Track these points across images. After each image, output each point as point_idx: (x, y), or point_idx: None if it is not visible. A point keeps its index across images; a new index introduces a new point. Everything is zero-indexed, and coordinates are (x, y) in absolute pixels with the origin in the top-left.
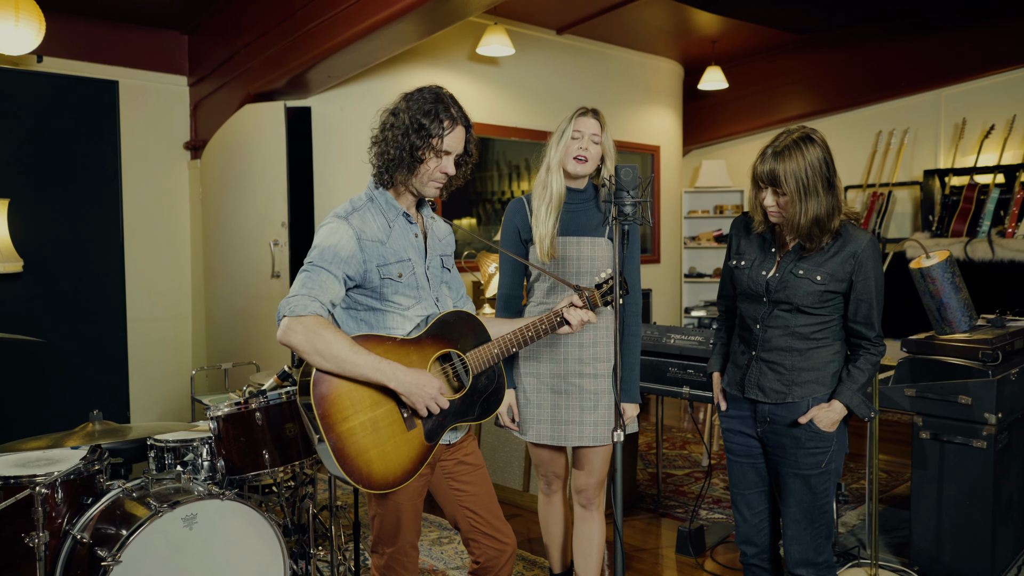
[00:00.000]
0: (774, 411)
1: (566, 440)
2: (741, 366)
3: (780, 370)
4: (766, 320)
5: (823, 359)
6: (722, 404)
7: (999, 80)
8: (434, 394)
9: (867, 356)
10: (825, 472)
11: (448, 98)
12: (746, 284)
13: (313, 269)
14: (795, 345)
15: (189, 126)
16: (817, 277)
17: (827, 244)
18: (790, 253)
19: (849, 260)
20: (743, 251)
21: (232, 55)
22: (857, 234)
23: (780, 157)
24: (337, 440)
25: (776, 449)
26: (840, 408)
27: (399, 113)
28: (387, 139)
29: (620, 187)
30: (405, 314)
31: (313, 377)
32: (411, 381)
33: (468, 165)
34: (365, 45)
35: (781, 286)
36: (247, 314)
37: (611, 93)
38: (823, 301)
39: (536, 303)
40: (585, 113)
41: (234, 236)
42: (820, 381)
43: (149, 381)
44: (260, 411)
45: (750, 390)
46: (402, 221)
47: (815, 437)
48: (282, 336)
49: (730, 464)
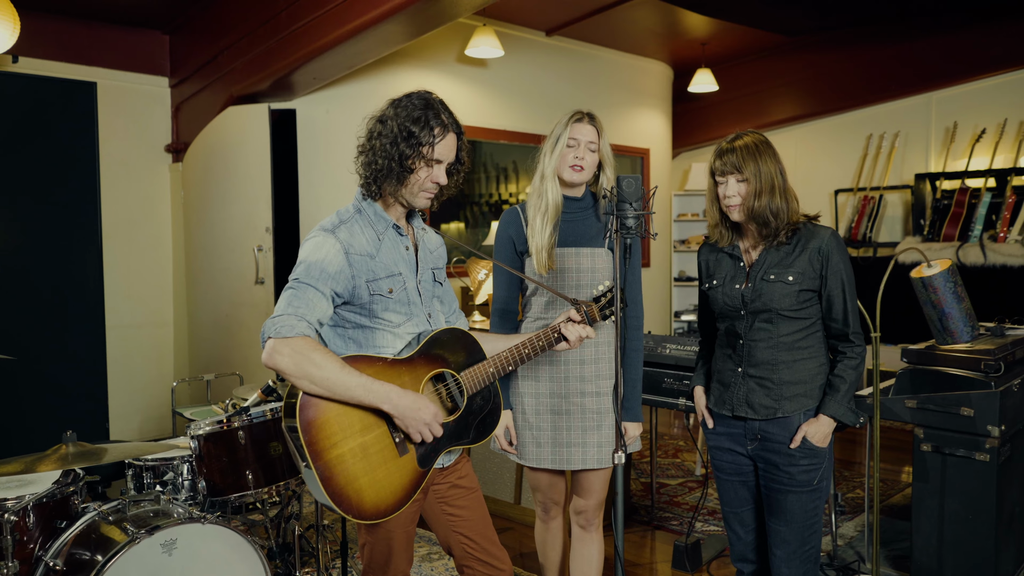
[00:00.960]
0: (765, 427)
1: (568, 464)
2: (728, 384)
3: (768, 385)
4: (749, 333)
5: (810, 371)
6: (709, 422)
7: (990, 83)
8: (428, 419)
9: (845, 361)
10: (817, 489)
11: (438, 104)
12: (722, 302)
13: (299, 286)
14: (781, 357)
15: (171, 128)
16: (789, 277)
17: (785, 237)
18: (756, 262)
19: (815, 256)
20: (713, 272)
21: (215, 56)
22: (817, 230)
23: (734, 144)
24: (325, 468)
25: (768, 467)
26: (828, 421)
27: (387, 120)
28: (374, 148)
29: (622, 199)
30: (396, 332)
31: (300, 400)
32: (406, 404)
33: (460, 174)
34: (352, 46)
35: (756, 295)
36: (231, 320)
37: (600, 95)
38: (801, 303)
39: (533, 318)
40: (581, 119)
41: (217, 241)
42: (809, 394)
43: (130, 390)
44: (243, 429)
45: (739, 408)
46: (392, 234)
47: (809, 453)
48: (267, 359)
49: (720, 483)
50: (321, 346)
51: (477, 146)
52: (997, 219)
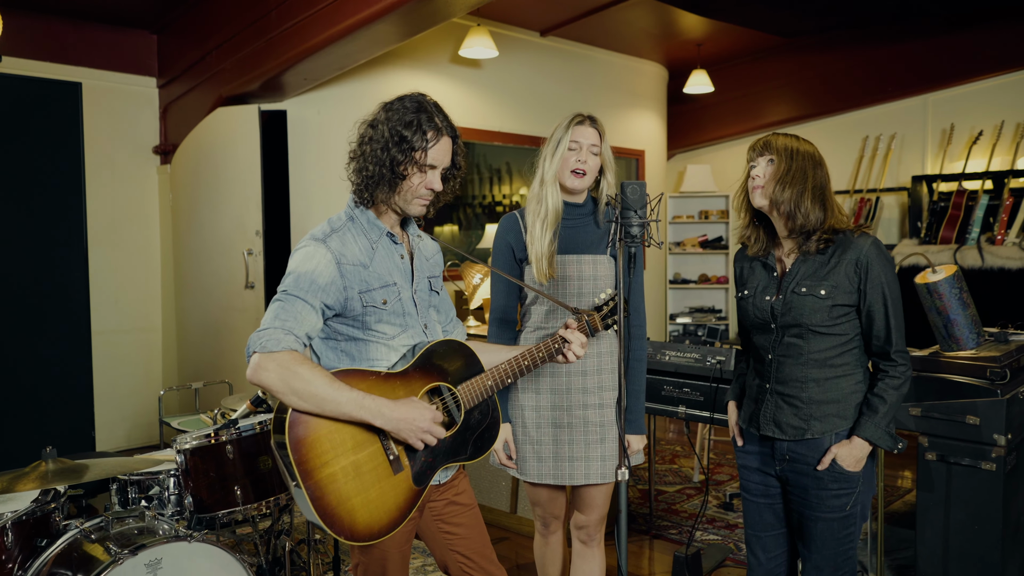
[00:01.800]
0: (793, 448)
1: (570, 479)
2: (756, 400)
3: (797, 403)
4: (777, 348)
5: (844, 389)
6: (738, 440)
7: (986, 85)
8: (427, 425)
9: (887, 380)
10: (850, 516)
11: (432, 106)
12: (752, 313)
13: (287, 299)
14: (812, 374)
15: (158, 130)
16: (821, 291)
17: (819, 245)
18: (790, 271)
19: (852, 268)
20: (746, 280)
21: (203, 56)
22: (857, 239)
23: (773, 136)
24: (316, 488)
25: (797, 490)
26: (862, 444)
27: (378, 125)
28: (365, 154)
29: (626, 206)
30: (390, 344)
31: (289, 417)
32: (399, 416)
33: (456, 179)
34: (343, 47)
35: (786, 308)
36: (220, 326)
37: (595, 96)
38: (834, 318)
39: (533, 328)
40: (582, 121)
41: (206, 245)
42: (841, 414)
43: (116, 397)
44: (231, 443)
45: (766, 426)
46: (386, 242)
47: (839, 478)
48: (253, 375)
49: (745, 504)
50: (308, 360)
51: (471, 148)
52: (995, 221)
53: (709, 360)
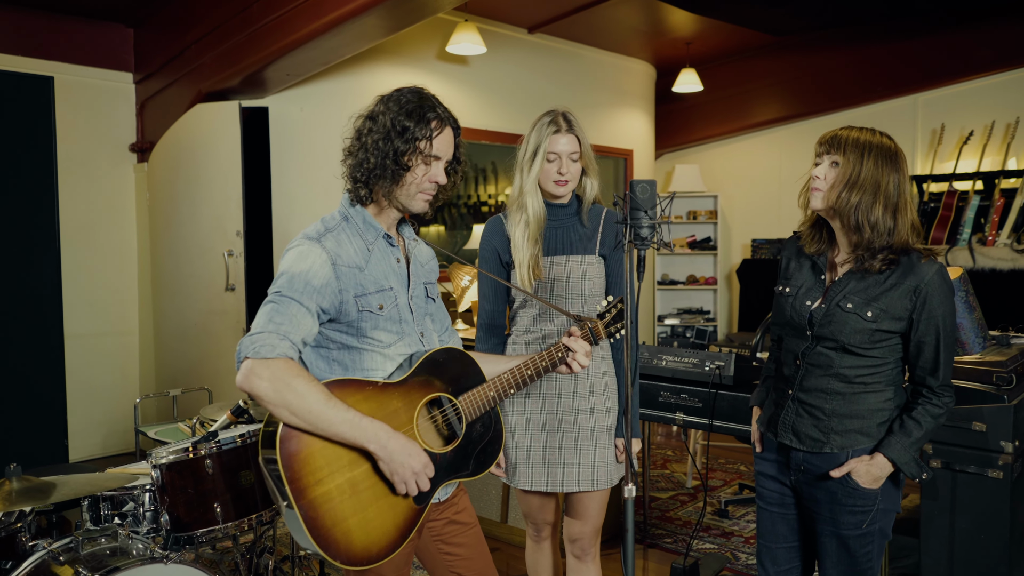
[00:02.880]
0: (809, 460)
1: (562, 486)
2: (778, 405)
3: (818, 414)
4: (807, 356)
5: (870, 406)
6: (757, 445)
7: (976, 86)
8: (419, 468)
9: (927, 407)
10: (867, 534)
11: (432, 97)
12: (789, 314)
13: (281, 300)
14: (836, 388)
15: (135, 126)
16: (868, 313)
17: (881, 264)
18: (840, 281)
19: (910, 295)
20: (791, 275)
21: (182, 50)
22: (922, 265)
23: (846, 129)
24: (310, 508)
25: (811, 503)
26: (884, 464)
27: (377, 116)
28: (366, 146)
29: (635, 206)
30: (386, 352)
31: (280, 432)
32: (395, 447)
33: (458, 174)
34: (327, 41)
35: (826, 320)
36: (199, 329)
37: (583, 94)
38: (875, 342)
39: (522, 331)
40: (558, 130)
41: (185, 246)
42: (864, 431)
43: (91, 403)
44: (211, 458)
45: (784, 434)
46: (382, 244)
47: (853, 494)
48: (244, 382)
49: (760, 512)
50: (304, 372)
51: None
52: (985, 222)
53: (708, 365)
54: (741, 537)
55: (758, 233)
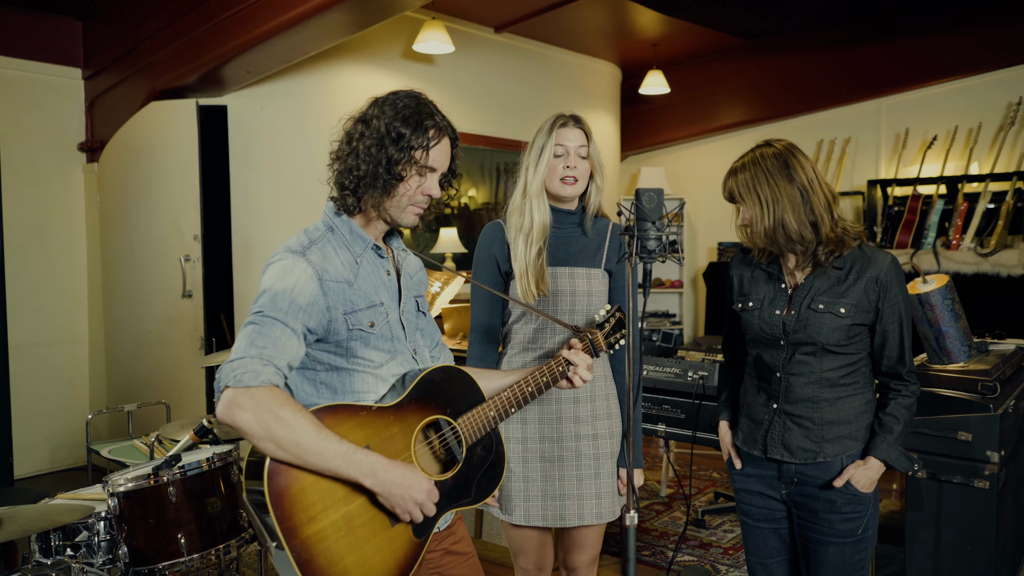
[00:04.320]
0: (803, 471)
1: (563, 520)
2: (760, 421)
3: (807, 425)
4: (787, 367)
5: (855, 409)
6: (736, 462)
7: (939, 91)
8: (422, 497)
9: (899, 399)
10: (862, 539)
11: (430, 103)
12: (758, 328)
13: (263, 321)
14: (823, 395)
15: (84, 125)
16: (841, 309)
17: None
18: (803, 285)
19: (872, 286)
20: (748, 291)
21: (135, 45)
22: (876, 256)
23: (734, 172)
24: (303, 549)
25: (806, 513)
26: (878, 465)
27: (371, 120)
28: (357, 152)
29: (642, 216)
30: (378, 373)
31: (268, 467)
32: (393, 479)
33: (452, 187)
34: (290, 38)
35: (800, 325)
36: (155, 338)
37: (548, 95)
38: (850, 337)
39: (519, 348)
40: (565, 123)
41: (139, 250)
42: (853, 436)
43: (38, 416)
44: (174, 485)
45: (773, 449)
46: (371, 256)
47: (852, 500)
48: (225, 414)
49: (747, 529)
50: (291, 400)
51: None
52: (950, 226)
53: (691, 375)
54: (720, 548)
55: (724, 236)
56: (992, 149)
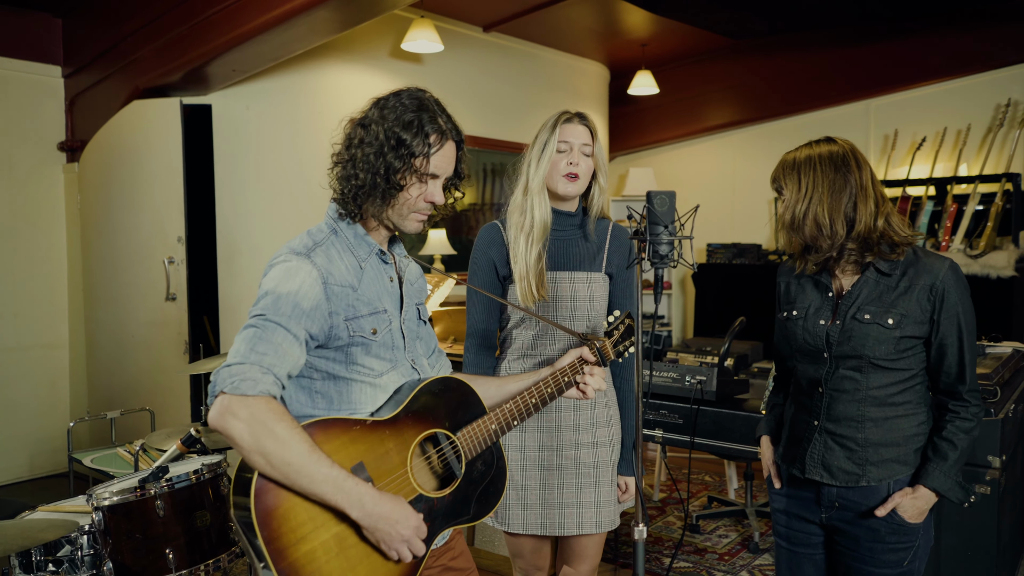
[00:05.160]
0: (844, 495)
1: (561, 528)
2: (800, 438)
3: (851, 445)
4: (830, 382)
5: (906, 431)
6: (775, 481)
7: (928, 92)
8: (408, 534)
9: (957, 422)
10: (907, 572)
11: (434, 105)
12: (802, 339)
13: (264, 325)
14: (870, 413)
15: (65, 124)
16: (889, 320)
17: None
18: (850, 293)
19: (926, 295)
20: (794, 298)
21: (117, 43)
22: (932, 261)
23: (784, 160)
24: (291, 571)
25: (847, 540)
26: (929, 496)
27: (370, 125)
28: (355, 159)
29: (654, 220)
30: (377, 383)
31: (255, 484)
32: (380, 512)
33: (459, 191)
34: (277, 36)
35: (845, 337)
36: (138, 342)
37: (536, 95)
38: (901, 351)
39: (517, 355)
40: (571, 119)
41: (121, 252)
42: (902, 459)
43: (17, 422)
44: (161, 498)
45: (813, 470)
46: (375, 261)
47: (899, 530)
48: (217, 421)
49: (780, 553)
50: (287, 415)
51: None
52: (939, 228)
53: (688, 380)
54: (715, 554)
55: (713, 237)
56: (981, 150)
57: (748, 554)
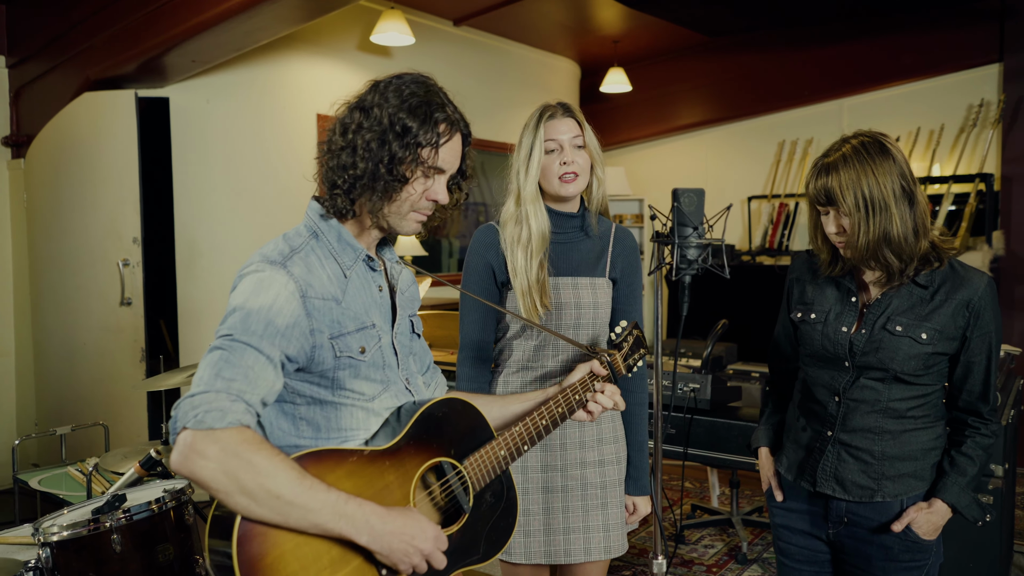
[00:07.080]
0: (855, 510)
1: (567, 556)
2: (811, 449)
3: (866, 459)
4: (849, 392)
5: (922, 445)
6: (777, 494)
7: (902, 91)
8: (428, 548)
9: (977, 438)
10: None
11: (441, 91)
12: (820, 344)
13: (233, 347)
14: (887, 426)
15: (9, 117)
16: (922, 335)
17: (915, 272)
18: (880, 302)
19: (962, 311)
20: (811, 300)
21: (66, 31)
22: (970, 276)
23: (830, 168)
24: None
25: (856, 559)
26: (945, 511)
27: (371, 109)
28: (354, 147)
29: (681, 221)
30: (369, 407)
31: (238, 530)
32: (392, 529)
33: (461, 191)
34: (240, 24)
35: (872, 347)
36: (90, 350)
37: (506, 91)
38: (928, 366)
39: (516, 368)
40: (554, 114)
41: (72, 254)
42: (918, 475)
43: None
44: (118, 531)
45: (824, 483)
46: (362, 268)
47: (912, 547)
48: (182, 464)
49: (783, 570)
50: (266, 443)
51: None
52: None
53: (681, 388)
54: (702, 565)
55: None
56: (954, 151)
57: (736, 565)
